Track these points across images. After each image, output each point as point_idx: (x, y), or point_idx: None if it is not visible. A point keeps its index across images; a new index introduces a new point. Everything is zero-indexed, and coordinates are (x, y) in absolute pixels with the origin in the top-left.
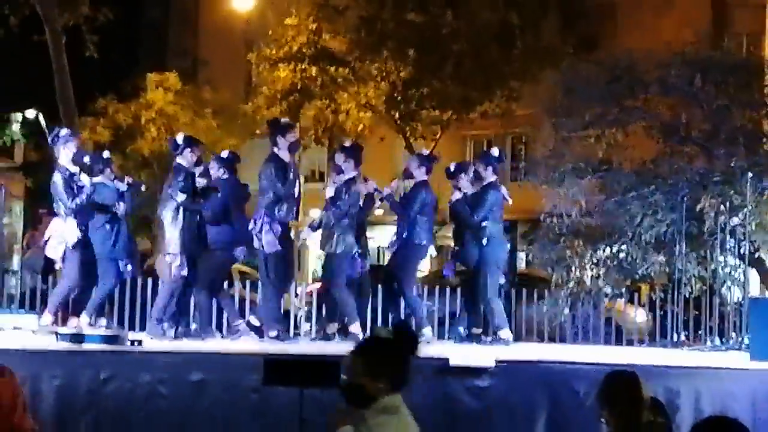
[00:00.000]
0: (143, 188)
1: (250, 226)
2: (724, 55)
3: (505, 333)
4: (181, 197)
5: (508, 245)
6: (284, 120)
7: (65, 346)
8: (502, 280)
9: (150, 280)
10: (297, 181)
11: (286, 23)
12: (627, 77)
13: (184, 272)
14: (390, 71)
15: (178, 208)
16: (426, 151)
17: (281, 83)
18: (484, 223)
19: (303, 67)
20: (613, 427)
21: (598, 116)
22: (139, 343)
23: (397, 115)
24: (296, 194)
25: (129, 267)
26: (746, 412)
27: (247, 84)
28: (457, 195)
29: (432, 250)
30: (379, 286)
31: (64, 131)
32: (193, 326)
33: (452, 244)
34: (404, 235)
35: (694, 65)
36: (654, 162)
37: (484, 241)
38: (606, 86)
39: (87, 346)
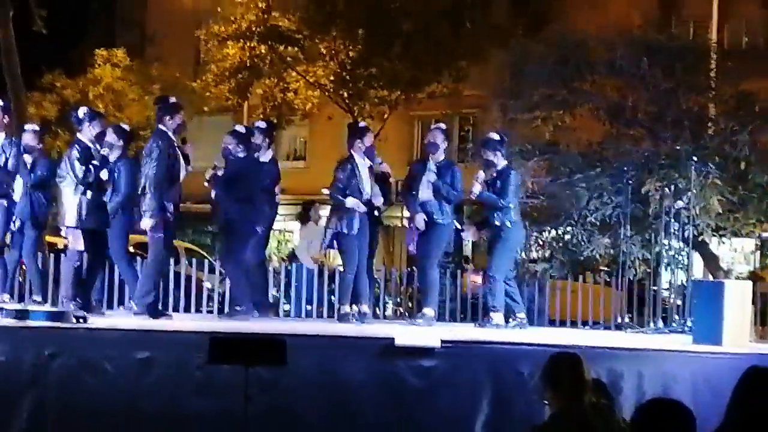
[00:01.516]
0: None
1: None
2: (671, 38)
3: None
4: (79, 171)
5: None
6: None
7: (10, 322)
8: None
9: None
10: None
11: (235, 0)
12: (575, 58)
13: (80, 247)
14: (339, 50)
15: (76, 183)
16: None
17: (230, 61)
18: (510, 206)
19: (252, 45)
20: (556, 408)
21: (545, 98)
22: (84, 320)
23: (345, 94)
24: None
25: None
26: (688, 394)
27: (195, 61)
28: (478, 186)
29: None
30: None
31: (84, 109)
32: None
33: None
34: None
35: (642, 48)
36: (600, 144)
37: (509, 224)
38: (554, 67)
39: (32, 323)
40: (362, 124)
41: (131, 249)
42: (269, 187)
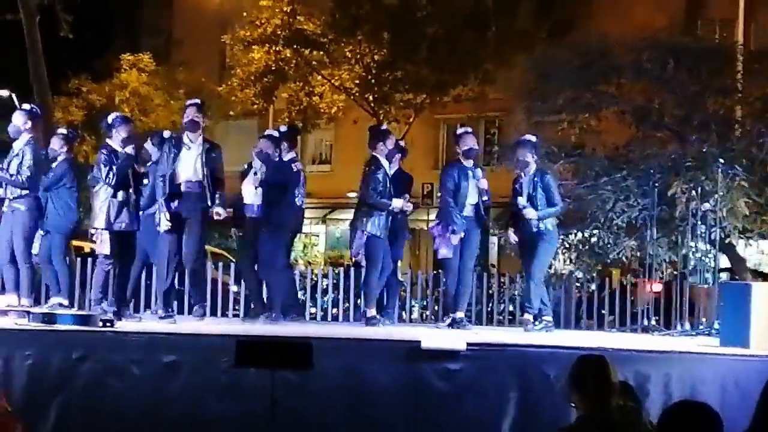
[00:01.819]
0: None
1: None
2: (697, 40)
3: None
4: (104, 173)
5: None
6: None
7: (37, 326)
8: None
9: None
10: None
11: (261, 5)
12: (600, 62)
13: (106, 250)
14: (364, 54)
15: (102, 186)
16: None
17: (255, 65)
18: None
19: (277, 49)
20: (582, 410)
21: (570, 101)
22: (111, 323)
23: (370, 98)
24: None
25: None
26: (715, 397)
27: (221, 65)
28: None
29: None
30: None
31: (113, 115)
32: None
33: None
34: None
35: (667, 51)
36: (626, 147)
37: (551, 227)
38: (579, 71)
39: (59, 326)
40: (384, 126)
41: None
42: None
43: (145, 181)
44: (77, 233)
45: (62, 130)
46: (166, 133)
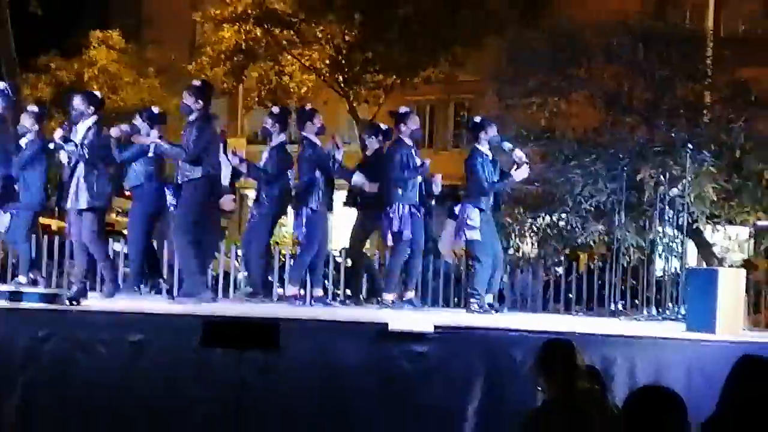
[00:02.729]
0: None
1: None
2: (667, 26)
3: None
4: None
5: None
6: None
7: (3, 304)
8: None
9: None
10: None
11: None
12: (571, 46)
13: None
14: (335, 34)
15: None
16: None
17: (226, 44)
18: None
19: (248, 28)
20: (549, 394)
21: (541, 84)
22: (78, 302)
23: (341, 78)
24: None
25: None
26: (680, 382)
27: (191, 44)
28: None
29: None
30: None
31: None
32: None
33: None
34: None
35: (638, 35)
36: (596, 131)
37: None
38: (550, 54)
39: (25, 305)
40: (403, 109)
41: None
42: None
43: None
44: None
45: (32, 108)
46: (155, 109)
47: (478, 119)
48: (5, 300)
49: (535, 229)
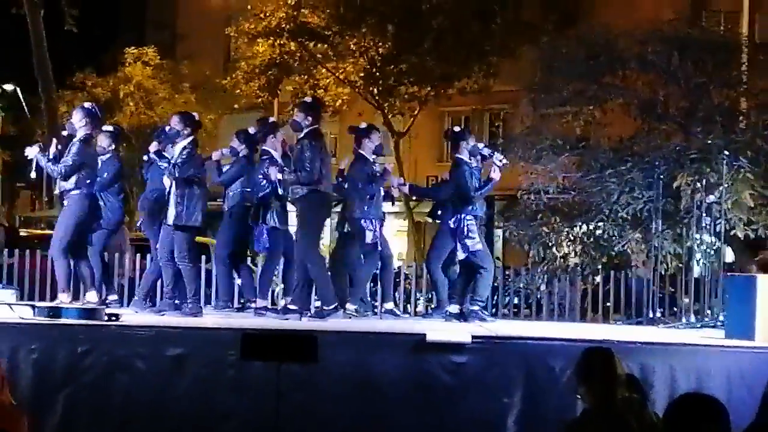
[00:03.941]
0: None
1: None
2: (702, 32)
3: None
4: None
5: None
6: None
7: (42, 320)
8: None
9: None
10: None
11: None
12: (605, 54)
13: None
14: (369, 47)
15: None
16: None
17: (260, 58)
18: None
19: (282, 41)
20: (588, 403)
21: (576, 93)
22: (117, 317)
23: (375, 90)
24: None
25: None
26: (720, 390)
27: (225, 58)
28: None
29: None
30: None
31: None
32: None
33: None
34: None
35: (673, 43)
36: (631, 139)
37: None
38: (584, 63)
39: (64, 320)
40: (363, 124)
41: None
42: None
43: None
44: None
45: (108, 127)
46: (252, 130)
47: (457, 129)
48: (45, 316)
49: (572, 238)
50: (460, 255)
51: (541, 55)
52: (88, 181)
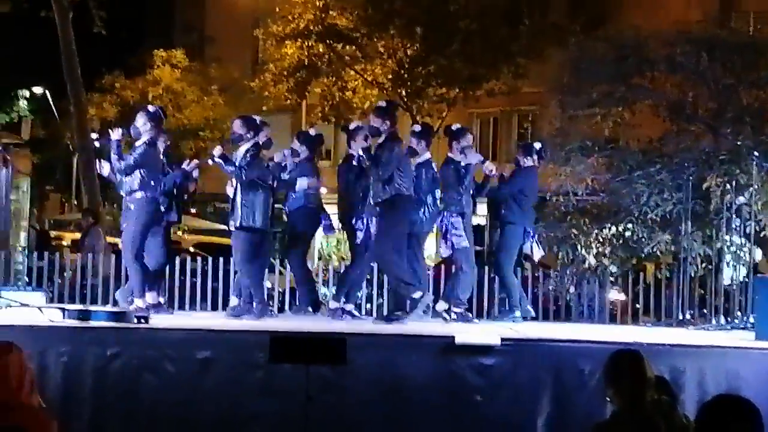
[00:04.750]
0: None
1: None
2: (730, 33)
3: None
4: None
5: None
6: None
7: (72, 322)
8: None
9: None
10: None
11: (293, 0)
12: (634, 55)
13: None
14: (397, 48)
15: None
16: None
17: (288, 60)
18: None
19: (310, 44)
20: (618, 405)
21: (604, 94)
22: (146, 320)
23: (403, 92)
24: None
25: None
26: (751, 391)
27: (254, 61)
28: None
29: None
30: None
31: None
32: None
33: None
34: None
35: (701, 44)
36: (660, 141)
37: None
38: (613, 64)
39: (93, 323)
40: (353, 124)
41: (191, 249)
42: None
43: None
44: None
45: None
46: (312, 131)
47: (455, 128)
48: (75, 319)
49: (601, 240)
50: (444, 252)
51: (569, 56)
52: (152, 183)
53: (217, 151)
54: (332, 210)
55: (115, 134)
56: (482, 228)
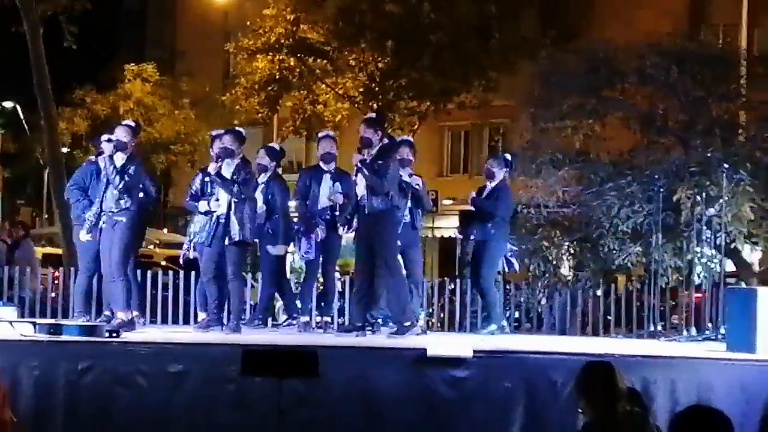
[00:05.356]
0: None
1: None
2: (700, 46)
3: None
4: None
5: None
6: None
7: (43, 336)
8: None
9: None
10: None
11: (264, 13)
12: (604, 68)
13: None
14: (368, 62)
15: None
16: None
17: (259, 74)
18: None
19: (281, 57)
20: (590, 416)
21: (575, 107)
22: (117, 334)
23: (375, 105)
24: None
25: None
26: (722, 402)
27: (225, 75)
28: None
29: None
30: None
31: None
32: None
33: None
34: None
35: (671, 56)
36: (631, 153)
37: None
38: (584, 77)
39: (65, 337)
40: (322, 132)
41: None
42: None
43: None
44: None
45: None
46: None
47: (403, 139)
48: (46, 333)
49: (572, 251)
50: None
51: (540, 69)
52: (139, 198)
53: (213, 167)
54: None
55: (109, 149)
56: (452, 241)
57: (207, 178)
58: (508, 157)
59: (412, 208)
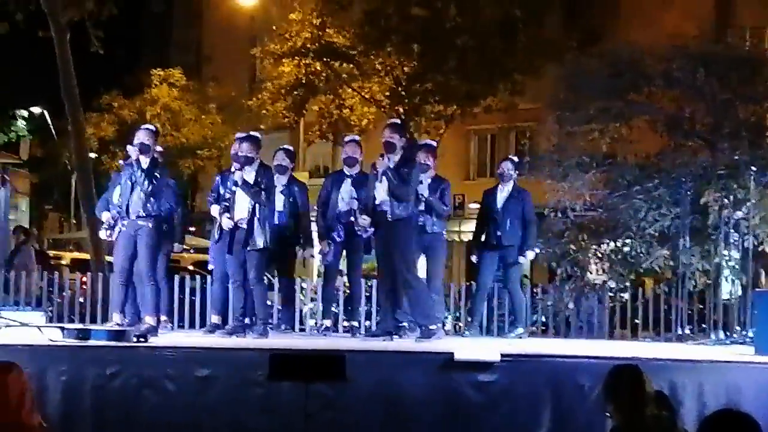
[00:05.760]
0: None
1: None
2: (727, 48)
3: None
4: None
5: None
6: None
7: (71, 342)
8: None
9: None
10: None
11: (290, 18)
12: (630, 71)
13: None
14: (394, 66)
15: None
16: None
17: (285, 78)
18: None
19: (307, 62)
20: (617, 420)
21: (601, 110)
22: (145, 339)
23: (401, 109)
24: None
25: None
26: (750, 406)
27: (251, 79)
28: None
29: None
30: None
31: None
32: None
33: None
34: None
35: (697, 59)
36: (658, 156)
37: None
38: (609, 80)
39: (93, 342)
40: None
41: (190, 267)
42: None
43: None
44: None
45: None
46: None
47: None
48: (74, 338)
49: (599, 255)
50: None
51: (565, 72)
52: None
53: (239, 176)
54: None
55: (135, 153)
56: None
57: (228, 183)
58: (516, 159)
59: (422, 212)
